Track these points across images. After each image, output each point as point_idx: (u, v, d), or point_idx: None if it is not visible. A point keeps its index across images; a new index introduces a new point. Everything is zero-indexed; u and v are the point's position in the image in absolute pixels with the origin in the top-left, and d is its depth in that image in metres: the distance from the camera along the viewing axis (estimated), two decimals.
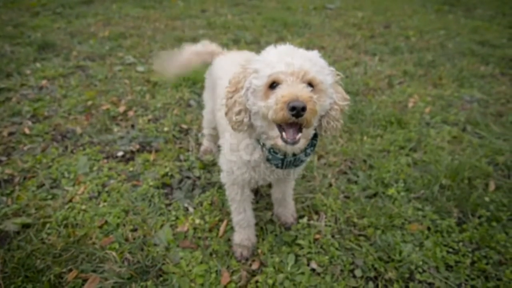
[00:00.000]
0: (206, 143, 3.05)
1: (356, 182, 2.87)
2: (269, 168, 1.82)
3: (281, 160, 1.69)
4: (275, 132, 1.51)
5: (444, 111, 4.08)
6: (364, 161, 3.09)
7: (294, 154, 1.67)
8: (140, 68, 4.87)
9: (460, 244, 2.32)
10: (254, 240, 2.25)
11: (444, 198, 2.68)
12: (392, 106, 4.12)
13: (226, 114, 1.64)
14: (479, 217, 2.53)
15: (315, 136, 1.71)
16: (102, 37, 6.22)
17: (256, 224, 2.37)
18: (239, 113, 1.59)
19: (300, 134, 1.48)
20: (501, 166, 3.08)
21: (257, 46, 5.92)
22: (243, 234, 2.20)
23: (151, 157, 3.00)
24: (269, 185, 2.55)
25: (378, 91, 4.58)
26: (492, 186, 2.83)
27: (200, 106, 3.89)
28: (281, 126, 1.49)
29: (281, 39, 6.59)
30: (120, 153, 3.04)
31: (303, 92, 1.39)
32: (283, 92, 1.40)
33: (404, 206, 2.59)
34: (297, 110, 1.35)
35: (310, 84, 1.48)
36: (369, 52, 6.16)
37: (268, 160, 1.74)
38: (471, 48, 6.52)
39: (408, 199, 2.68)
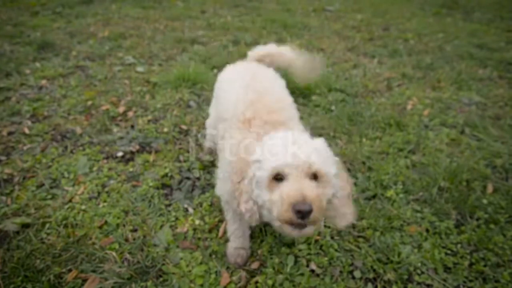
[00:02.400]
0: (208, 142, 3.03)
1: (355, 184, 2.88)
2: None
3: None
4: (284, 225, 1.45)
5: (443, 113, 4.10)
6: (363, 163, 3.10)
7: None
8: (139, 69, 4.88)
9: (459, 246, 2.33)
10: (248, 248, 2.22)
11: (442, 200, 2.69)
12: (391, 109, 4.14)
13: (238, 206, 1.59)
14: (477, 219, 2.55)
15: None
16: (101, 37, 6.23)
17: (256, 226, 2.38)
18: (247, 201, 1.55)
19: (308, 228, 1.43)
20: (499, 168, 3.10)
21: None
22: (237, 243, 2.16)
23: (151, 157, 3.00)
24: None
25: (377, 93, 4.60)
26: (490, 189, 2.85)
27: (200, 107, 3.91)
28: None
29: (280, 41, 6.61)
30: (119, 154, 3.05)
31: (309, 191, 1.35)
32: (288, 191, 1.35)
33: (403, 208, 2.60)
34: (303, 214, 1.32)
35: (315, 176, 1.44)
36: (368, 55, 6.18)
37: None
38: (469, 51, 6.55)
39: (407, 201, 2.70)
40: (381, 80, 5.02)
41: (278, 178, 1.43)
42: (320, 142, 1.53)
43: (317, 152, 1.45)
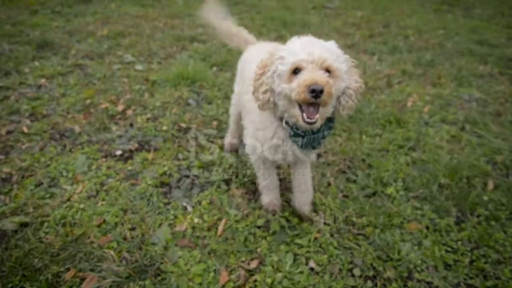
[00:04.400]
0: (229, 137, 3.12)
1: (355, 181, 2.87)
2: (290, 148, 2.03)
3: (301, 138, 1.92)
4: (296, 110, 1.76)
5: (443, 110, 4.08)
6: (363, 160, 3.09)
7: (313, 132, 1.91)
8: (139, 67, 4.86)
9: (459, 243, 2.32)
10: (280, 200, 2.54)
11: (442, 197, 2.68)
12: (391, 105, 4.12)
13: (253, 93, 1.88)
14: (478, 216, 2.54)
15: (331, 119, 1.96)
16: (100, 36, 6.20)
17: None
18: (265, 92, 1.83)
19: (317, 115, 1.73)
20: (499, 165, 3.09)
21: None
22: (271, 196, 2.47)
23: (150, 156, 2.99)
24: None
25: (377, 90, 4.57)
26: (490, 185, 2.83)
27: (199, 105, 3.89)
28: (302, 106, 1.73)
29: (280, 38, 6.59)
30: (118, 152, 3.03)
31: (321, 77, 1.63)
32: (304, 77, 1.64)
33: (403, 205, 2.59)
34: (316, 92, 1.60)
35: (328, 70, 1.70)
36: (368, 52, 6.16)
37: (290, 136, 1.95)
38: (469, 47, 6.52)
39: (407, 198, 2.68)
40: (381, 77, 5.00)
41: (296, 71, 1.71)
42: (332, 44, 1.82)
43: (329, 51, 1.74)
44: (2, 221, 2.30)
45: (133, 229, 2.34)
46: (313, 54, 1.68)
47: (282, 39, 6.53)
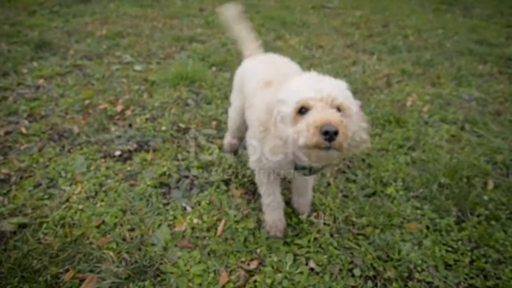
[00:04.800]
0: (229, 138, 3.08)
1: (354, 181, 2.86)
2: (296, 174, 1.95)
3: (308, 169, 1.81)
4: (303, 156, 1.59)
5: (443, 109, 4.08)
6: (363, 160, 3.08)
7: None
8: (137, 67, 4.85)
9: (459, 243, 2.31)
10: (285, 222, 2.34)
11: (443, 197, 2.67)
12: (390, 105, 4.12)
13: (262, 138, 1.73)
14: (478, 216, 2.53)
15: None
16: (99, 36, 6.20)
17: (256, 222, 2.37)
18: (274, 138, 1.65)
19: None
20: (499, 164, 3.08)
21: None
22: (275, 215, 2.29)
23: (149, 156, 2.98)
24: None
25: (377, 90, 4.57)
26: (490, 185, 2.82)
27: (198, 105, 3.88)
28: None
29: (279, 38, 6.59)
30: (117, 153, 3.02)
31: (334, 116, 1.44)
32: (314, 118, 1.44)
33: (403, 205, 2.58)
34: (330, 134, 1.39)
35: (338, 109, 1.52)
36: (367, 51, 6.15)
37: (295, 169, 1.85)
38: (469, 47, 6.52)
39: (407, 198, 2.68)
40: (380, 77, 4.99)
41: (302, 111, 1.52)
42: (341, 82, 1.64)
43: (339, 88, 1.57)
44: (0, 222, 2.29)
45: (132, 230, 2.33)
46: (322, 90, 1.50)
47: (281, 39, 6.54)
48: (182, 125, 3.43)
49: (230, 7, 2.98)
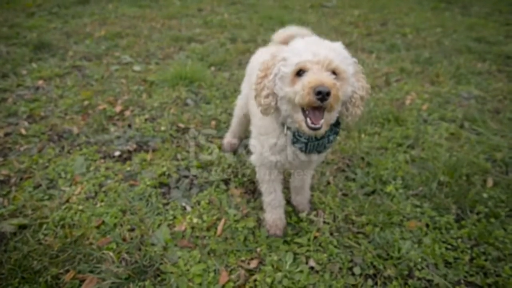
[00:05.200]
0: (229, 137, 3.10)
1: (354, 180, 2.87)
2: (294, 152, 1.93)
3: (305, 144, 1.82)
4: (299, 116, 1.64)
5: (442, 108, 4.08)
6: (362, 158, 3.09)
7: (317, 138, 1.80)
8: (136, 68, 4.85)
9: (459, 240, 2.32)
10: (285, 220, 2.36)
11: (442, 194, 2.67)
12: (389, 104, 4.12)
13: (255, 97, 1.78)
14: (478, 214, 2.53)
15: (337, 123, 1.84)
16: (98, 37, 6.20)
17: (256, 221, 2.38)
18: (267, 96, 1.72)
19: (322, 120, 1.60)
20: (499, 162, 3.08)
21: (254, 44, 5.91)
22: (275, 214, 2.30)
23: (148, 156, 2.98)
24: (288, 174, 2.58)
25: (376, 89, 4.57)
26: (490, 183, 2.83)
27: (197, 105, 3.88)
28: (306, 110, 1.62)
29: None
30: (117, 153, 3.02)
31: (328, 79, 1.52)
32: (309, 79, 1.52)
33: (403, 203, 2.59)
34: (322, 95, 1.48)
35: (334, 72, 1.59)
36: (366, 50, 6.16)
37: (293, 143, 1.85)
38: (467, 45, 6.52)
39: (406, 196, 2.68)
40: (379, 76, 5.00)
41: (300, 73, 1.60)
42: (339, 45, 1.69)
43: (336, 52, 1.62)
44: (1, 224, 2.29)
45: (132, 230, 2.33)
46: (319, 54, 1.57)
47: None
48: (182, 125, 3.43)
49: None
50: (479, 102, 4.32)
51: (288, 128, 1.83)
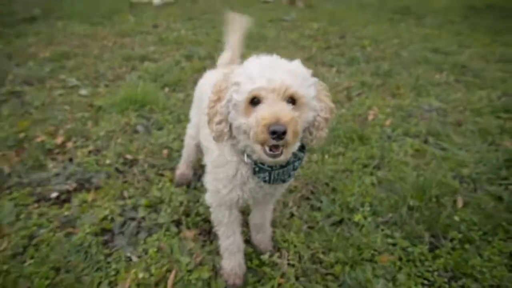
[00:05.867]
0: (182, 167, 2.85)
1: (319, 209, 2.65)
2: (257, 183, 1.73)
3: (268, 173, 1.64)
4: (257, 146, 1.47)
5: (405, 122, 3.98)
6: (327, 184, 2.88)
7: (282, 166, 1.63)
8: (83, 92, 4.48)
9: (435, 273, 2.13)
10: (245, 267, 2.11)
11: (413, 221, 2.50)
12: (352, 120, 3.98)
13: (208, 123, 1.60)
14: (451, 240, 2.37)
15: (302, 148, 1.66)
16: (42, 58, 5.76)
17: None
18: (219, 123, 1.55)
19: (282, 148, 1.45)
20: (466, 179, 2.97)
21: (211, 61, 5.66)
22: (234, 261, 2.06)
23: (90, 196, 2.63)
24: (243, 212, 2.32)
25: (337, 105, 4.43)
26: (460, 203, 2.69)
27: (148, 131, 3.57)
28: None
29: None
30: (54, 194, 2.66)
31: (284, 113, 1.36)
32: (263, 114, 1.37)
33: (373, 235, 2.38)
34: (277, 135, 1.34)
35: (292, 98, 1.45)
36: (326, 64, 6.07)
37: (255, 173, 1.67)
38: (424, 55, 6.58)
39: (376, 225, 2.49)
40: (340, 90, 4.88)
41: (254, 101, 1.44)
42: (297, 64, 1.53)
43: (293, 75, 1.45)
44: None
45: None
46: (274, 80, 1.40)
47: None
48: (129, 157, 3.11)
49: (243, 18, 2.70)
50: (440, 114, 4.27)
51: (248, 156, 1.63)
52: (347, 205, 2.64)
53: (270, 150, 1.44)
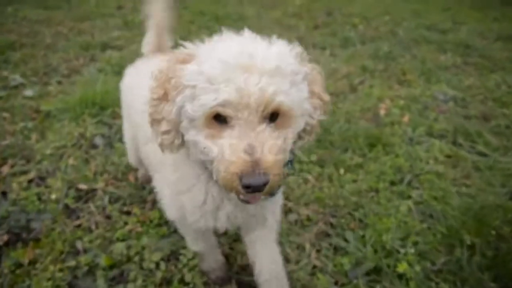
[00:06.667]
0: (142, 170, 2.32)
1: (345, 251, 1.97)
2: (236, 206, 1.33)
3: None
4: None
5: (422, 116, 3.34)
6: (350, 214, 2.20)
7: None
8: (28, 92, 3.60)
9: None
10: (222, 258, 1.84)
11: (473, 265, 1.85)
12: (362, 117, 3.31)
13: (151, 125, 1.15)
14: None
15: (290, 161, 1.22)
16: None
17: None
18: (167, 132, 1.12)
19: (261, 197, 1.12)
20: None
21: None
22: (209, 260, 1.78)
23: (27, 256, 1.84)
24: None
25: (341, 96, 3.75)
26: None
27: (109, 145, 2.79)
28: None
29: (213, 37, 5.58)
30: None
31: (264, 153, 0.98)
32: (231, 157, 0.98)
33: None
34: (254, 189, 0.97)
35: (276, 112, 1.04)
36: (317, 46, 5.34)
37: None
38: (422, 34, 5.98)
39: (426, 276, 1.83)
40: (339, 78, 4.19)
41: (219, 118, 1.03)
42: (281, 51, 1.08)
43: (277, 74, 1.00)
44: None
45: None
46: (248, 90, 0.96)
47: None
48: (84, 186, 2.31)
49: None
50: (459, 105, 3.66)
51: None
52: (383, 245, 1.96)
53: (244, 198, 1.10)
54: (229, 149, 0.99)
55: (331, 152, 2.75)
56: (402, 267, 1.83)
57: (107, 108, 3.20)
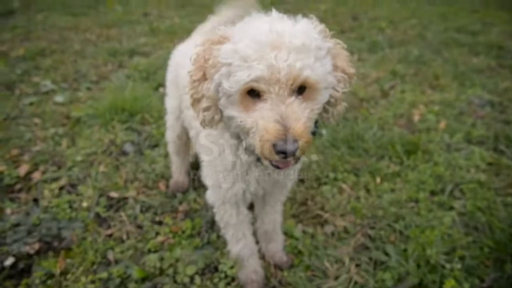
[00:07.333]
0: (175, 175, 2.40)
1: (386, 266, 1.87)
2: (264, 170, 1.45)
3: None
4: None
5: (458, 122, 3.19)
6: (390, 225, 2.09)
7: None
8: (59, 98, 3.64)
9: None
10: (262, 271, 1.85)
11: None
12: (395, 123, 3.19)
13: (192, 105, 1.27)
14: None
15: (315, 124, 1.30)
16: (15, 57, 4.90)
17: None
18: (207, 109, 1.23)
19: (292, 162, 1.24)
20: None
21: None
22: (248, 268, 1.80)
23: (58, 266, 1.82)
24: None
25: (371, 102, 3.63)
26: None
27: (140, 152, 2.76)
28: None
29: None
30: (9, 261, 1.85)
31: (294, 123, 1.09)
32: (266, 125, 1.09)
33: None
34: (287, 154, 1.09)
35: (303, 85, 1.13)
36: (345, 50, 5.22)
37: (259, 159, 1.35)
38: (452, 37, 5.80)
39: None
40: (370, 83, 4.08)
41: (253, 92, 1.13)
42: (306, 29, 1.15)
43: (304, 50, 1.09)
44: None
45: None
46: (277, 68, 1.06)
47: None
48: (115, 194, 2.29)
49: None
50: (496, 110, 3.49)
51: (246, 148, 1.32)
52: (427, 259, 1.85)
53: (276, 163, 1.22)
54: (262, 120, 1.10)
55: (365, 160, 2.65)
56: (449, 284, 1.71)
57: (136, 115, 3.19)
